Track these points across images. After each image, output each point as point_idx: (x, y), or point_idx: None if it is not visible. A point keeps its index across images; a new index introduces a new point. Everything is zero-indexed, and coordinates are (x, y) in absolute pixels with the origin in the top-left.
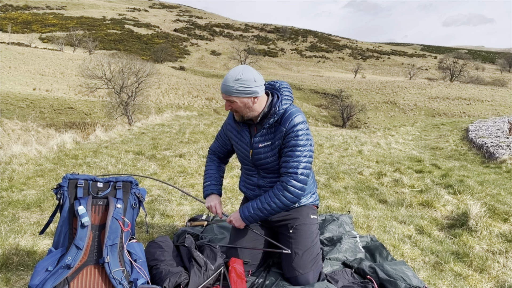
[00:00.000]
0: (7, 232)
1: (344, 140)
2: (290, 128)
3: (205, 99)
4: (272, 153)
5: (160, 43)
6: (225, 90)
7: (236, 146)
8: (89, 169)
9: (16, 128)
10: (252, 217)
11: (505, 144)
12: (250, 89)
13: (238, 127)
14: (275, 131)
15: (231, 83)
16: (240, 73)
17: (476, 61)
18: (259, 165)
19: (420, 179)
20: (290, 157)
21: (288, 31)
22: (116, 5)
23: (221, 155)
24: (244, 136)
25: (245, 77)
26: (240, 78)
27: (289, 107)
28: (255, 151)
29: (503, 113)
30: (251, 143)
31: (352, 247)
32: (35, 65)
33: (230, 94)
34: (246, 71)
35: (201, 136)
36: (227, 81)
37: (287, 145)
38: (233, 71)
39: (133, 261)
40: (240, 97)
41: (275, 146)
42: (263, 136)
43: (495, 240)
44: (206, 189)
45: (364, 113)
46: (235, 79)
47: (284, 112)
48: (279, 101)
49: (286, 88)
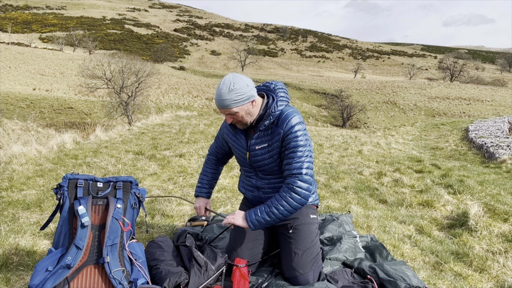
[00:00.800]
0: (7, 232)
1: (344, 140)
2: (288, 130)
3: (205, 99)
4: (269, 155)
5: (160, 43)
6: (223, 105)
7: (234, 149)
8: (89, 169)
9: (16, 128)
10: (258, 221)
11: (505, 144)
12: (246, 95)
13: (234, 130)
14: (272, 133)
15: (227, 96)
16: (231, 83)
17: (476, 61)
18: (256, 167)
19: (420, 179)
20: (292, 158)
21: (288, 31)
22: (116, 5)
23: (220, 156)
24: (240, 139)
25: (238, 85)
26: (234, 88)
27: (285, 108)
28: (252, 153)
29: (503, 113)
30: (247, 146)
31: (352, 247)
32: (35, 65)
33: (229, 106)
34: (236, 79)
35: (201, 136)
36: (222, 95)
37: (287, 147)
38: (224, 84)
39: (133, 261)
40: (240, 106)
41: (273, 148)
42: (259, 138)
43: (495, 240)
44: (196, 190)
45: (364, 113)
46: (229, 90)
47: (280, 113)
48: (274, 102)
49: (281, 89)
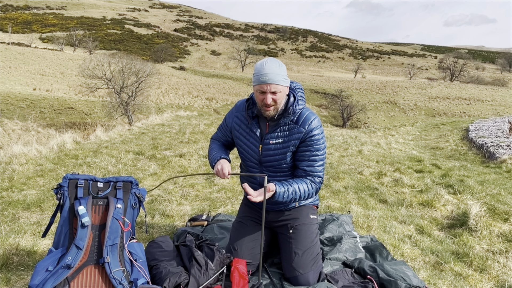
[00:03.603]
0: (7, 232)
1: (344, 140)
2: (310, 131)
3: (205, 99)
4: (281, 151)
5: (160, 43)
6: (275, 79)
7: (242, 140)
8: (89, 169)
9: (16, 128)
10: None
11: (505, 144)
12: (288, 78)
13: (249, 120)
14: (290, 130)
15: (278, 71)
16: (277, 61)
17: (476, 61)
18: (265, 162)
19: (420, 179)
20: (315, 161)
21: (288, 31)
22: (116, 5)
23: (223, 142)
24: (255, 131)
25: (282, 64)
26: (281, 65)
27: (304, 108)
28: (265, 147)
29: (503, 113)
30: (261, 139)
31: (352, 247)
32: (35, 65)
33: (279, 82)
34: (277, 60)
35: (201, 136)
36: (273, 69)
37: (308, 149)
38: (271, 61)
39: (134, 261)
40: (285, 86)
41: (288, 145)
42: (275, 133)
43: (495, 240)
44: (213, 157)
45: (364, 113)
46: (279, 65)
47: (300, 113)
48: (295, 101)
49: (300, 89)
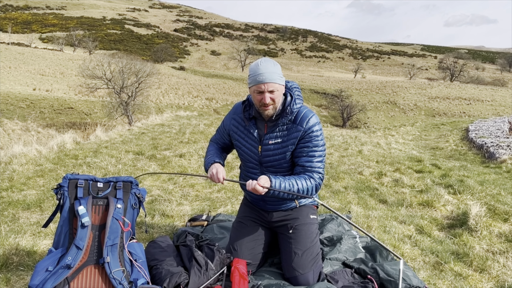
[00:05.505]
0: (7, 232)
1: (344, 140)
2: (309, 129)
3: (205, 99)
4: (281, 151)
5: (160, 43)
6: (272, 78)
7: (240, 142)
8: (89, 169)
9: (16, 128)
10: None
11: (505, 144)
12: (283, 77)
13: (247, 122)
14: (288, 129)
15: (273, 69)
16: (271, 60)
17: (476, 61)
18: (265, 162)
19: (420, 179)
20: (314, 157)
21: (288, 31)
22: (116, 5)
23: (221, 145)
24: (253, 132)
25: (277, 63)
26: (276, 64)
27: (302, 107)
28: (264, 148)
29: (503, 113)
30: (260, 140)
31: (352, 247)
32: (35, 65)
33: (276, 80)
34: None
35: (201, 136)
36: (269, 68)
37: (307, 146)
38: (266, 61)
39: (133, 261)
40: (282, 84)
41: (287, 145)
42: (274, 133)
43: (495, 240)
44: (208, 160)
45: (364, 113)
46: (274, 65)
47: (298, 112)
48: (293, 100)
49: (296, 88)
